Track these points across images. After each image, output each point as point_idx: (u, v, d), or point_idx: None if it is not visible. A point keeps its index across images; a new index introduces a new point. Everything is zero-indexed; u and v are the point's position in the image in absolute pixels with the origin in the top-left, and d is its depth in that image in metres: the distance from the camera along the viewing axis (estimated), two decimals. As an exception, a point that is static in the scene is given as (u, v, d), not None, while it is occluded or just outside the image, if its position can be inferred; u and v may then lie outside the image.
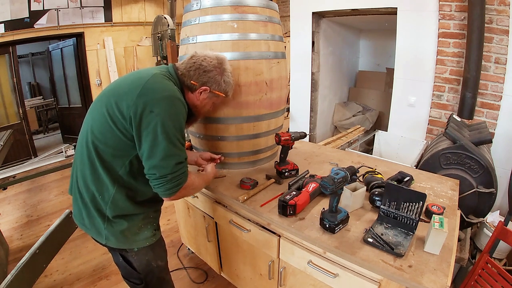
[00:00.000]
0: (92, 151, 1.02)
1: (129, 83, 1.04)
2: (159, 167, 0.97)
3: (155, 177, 0.98)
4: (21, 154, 4.46)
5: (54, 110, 6.12)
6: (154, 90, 0.99)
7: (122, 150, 1.01)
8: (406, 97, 2.58)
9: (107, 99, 1.02)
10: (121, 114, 0.97)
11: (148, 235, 1.14)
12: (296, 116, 3.69)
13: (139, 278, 1.18)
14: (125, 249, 1.11)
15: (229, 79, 1.20)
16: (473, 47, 2.01)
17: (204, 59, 1.15)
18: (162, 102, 0.97)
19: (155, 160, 0.96)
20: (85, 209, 1.07)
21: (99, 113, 1.02)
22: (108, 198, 1.03)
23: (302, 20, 3.22)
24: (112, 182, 1.03)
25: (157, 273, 1.21)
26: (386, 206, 1.10)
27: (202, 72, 1.13)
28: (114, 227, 1.06)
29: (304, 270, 1.16)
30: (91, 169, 1.03)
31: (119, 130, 0.99)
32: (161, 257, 1.23)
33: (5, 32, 4.04)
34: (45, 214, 2.93)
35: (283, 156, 1.49)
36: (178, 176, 1.00)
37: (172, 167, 0.98)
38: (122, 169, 1.03)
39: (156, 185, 1.00)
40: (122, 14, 5.09)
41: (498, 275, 1.27)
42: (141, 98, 0.96)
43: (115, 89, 1.04)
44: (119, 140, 1.00)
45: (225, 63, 1.20)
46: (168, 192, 1.01)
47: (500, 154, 2.10)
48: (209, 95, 1.18)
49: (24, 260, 1.43)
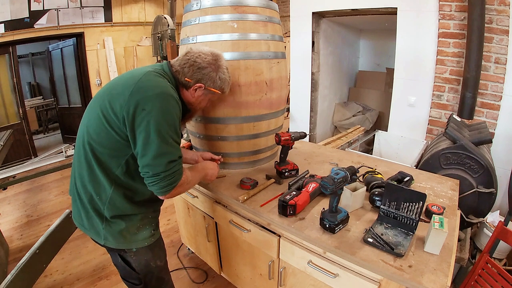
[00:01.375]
0: (89, 152, 1.02)
1: (122, 83, 1.03)
2: (151, 166, 0.96)
3: (149, 175, 0.98)
4: (21, 154, 4.47)
5: (54, 110, 6.13)
6: (146, 88, 0.98)
7: (117, 150, 1.01)
8: (406, 97, 2.58)
9: (102, 100, 1.01)
10: (114, 114, 0.97)
11: (147, 235, 1.13)
12: (296, 116, 3.68)
13: (138, 279, 1.18)
14: (123, 249, 1.11)
15: (224, 75, 1.17)
16: (473, 47, 2.01)
17: (199, 56, 1.12)
18: (154, 99, 0.96)
19: (148, 159, 0.96)
20: (84, 210, 1.07)
21: (94, 114, 1.02)
22: (106, 198, 1.03)
23: (302, 20, 3.22)
24: (109, 183, 1.03)
25: (156, 273, 1.21)
26: (386, 206, 1.10)
27: (196, 69, 1.11)
28: (112, 227, 1.06)
29: (304, 270, 1.16)
30: (88, 170, 1.03)
31: (113, 130, 0.98)
32: (160, 257, 1.23)
33: (5, 32, 4.04)
34: (45, 214, 2.93)
35: (283, 156, 1.49)
36: (171, 174, 0.99)
37: (165, 165, 0.97)
38: (119, 169, 1.03)
39: (150, 183, 0.99)
40: (122, 14, 5.09)
41: (498, 275, 1.27)
42: (133, 96, 0.96)
43: (109, 90, 1.03)
44: (114, 140, 0.99)
45: (220, 59, 1.17)
46: (163, 190, 1.00)
47: (500, 154, 2.10)
48: (204, 92, 1.16)
49: (24, 260, 1.43)
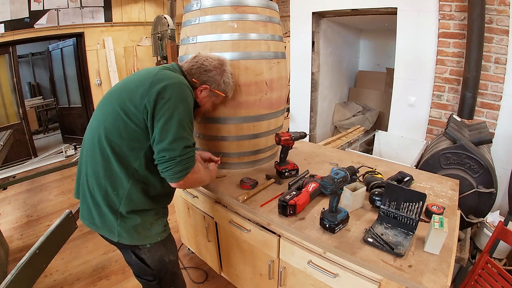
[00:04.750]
0: (106, 147, 1.03)
1: (138, 78, 1.10)
2: (168, 150, 0.99)
3: (165, 159, 1.00)
4: (21, 154, 4.46)
5: (54, 110, 6.13)
6: (164, 79, 1.05)
7: (136, 141, 1.04)
8: (406, 97, 2.58)
9: (119, 96, 1.06)
10: (134, 106, 1.01)
11: (160, 230, 1.15)
12: (296, 116, 3.68)
13: (153, 275, 1.19)
14: (137, 245, 1.12)
15: (228, 80, 1.26)
16: (473, 47, 2.01)
17: (206, 59, 1.22)
18: (172, 88, 1.03)
19: (165, 143, 0.99)
20: (96, 208, 1.07)
21: (112, 109, 1.05)
22: (123, 193, 1.05)
23: (302, 20, 3.22)
24: (127, 177, 1.04)
25: (171, 268, 1.23)
26: (386, 206, 1.10)
27: (203, 71, 1.20)
28: (127, 223, 1.07)
29: (304, 270, 1.16)
30: (105, 165, 1.04)
31: (132, 121, 1.02)
32: (173, 252, 1.24)
33: (5, 32, 4.04)
34: (45, 214, 2.93)
35: (283, 156, 1.49)
36: (186, 159, 1.02)
37: (181, 150, 1.00)
38: (137, 162, 1.05)
39: (165, 168, 1.01)
40: (122, 14, 5.09)
41: (498, 275, 1.27)
42: (152, 87, 1.01)
43: (125, 86, 1.09)
44: (133, 131, 1.02)
45: (226, 65, 1.26)
46: (177, 176, 1.02)
47: (500, 154, 2.10)
48: (209, 93, 1.24)
49: (24, 260, 1.43)
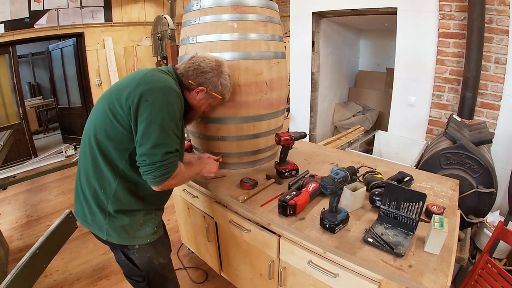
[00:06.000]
0: (95, 146, 1.05)
1: (128, 79, 1.09)
2: (149, 155, 0.99)
3: (145, 163, 1.00)
4: (21, 154, 4.46)
5: (54, 110, 6.12)
6: (150, 81, 1.04)
7: (122, 143, 1.04)
8: (406, 97, 2.58)
9: (109, 97, 1.07)
10: (120, 106, 1.01)
11: (149, 232, 1.15)
12: (296, 116, 3.68)
13: (141, 276, 1.19)
14: (126, 245, 1.12)
15: (226, 81, 1.23)
16: (473, 47, 2.01)
17: (203, 61, 1.18)
18: (157, 92, 1.01)
19: (146, 147, 0.99)
20: (87, 205, 1.10)
21: (102, 110, 1.06)
22: (110, 192, 1.06)
23: (302, 20, 3.22)
24: (114, 176, 1.06)
25: (160, 271, 1.22)
26: (386, 206, 1.10)
27: (199, 73, 1.17)
28: (115, 222, 1.08)
29: (304, 270, 1.16)
30: (94, 164, 1.06)
31: (119, 123, 1.02)
32: (163, 255, 1.24)
33: (5, 32, 4.04)
34: (45, 214, 2.93)
35: (283, 156, 1.49)
36: (166, 165, 1.02)
37: (161, 155, 1.00)
38: (123, 162, 1.06)
39: (145, 172, 1.01)
40: (122, 14, 5.09)
41: (498, 275, 1.27)
42: (137, 88, 1.01)
43: (116, 87, 1.10)
44: (119, 132, 1.03)
45: (223, 66, 1.23)
46: (156, 180, 1.02)
47: (500, 154, 2.10)
48: (206, 95, 1.22)
49: (24, 260, 1.43)
